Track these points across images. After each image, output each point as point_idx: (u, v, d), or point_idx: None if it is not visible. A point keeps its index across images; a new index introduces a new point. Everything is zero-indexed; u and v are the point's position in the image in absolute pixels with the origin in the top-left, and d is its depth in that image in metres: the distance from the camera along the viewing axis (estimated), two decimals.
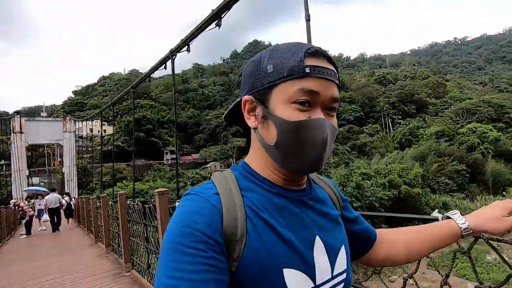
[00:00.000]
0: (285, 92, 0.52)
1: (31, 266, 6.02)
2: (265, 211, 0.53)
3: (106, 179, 30.00)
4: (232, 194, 0.53)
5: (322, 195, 0.64)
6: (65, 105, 74.54)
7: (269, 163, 0.58)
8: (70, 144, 25.73)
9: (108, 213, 6.17)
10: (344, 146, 39.00)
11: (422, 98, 49.76)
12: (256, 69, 0.55)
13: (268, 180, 0.57)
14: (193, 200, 0.51)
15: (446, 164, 24.61)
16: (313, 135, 0.51)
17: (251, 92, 0.56)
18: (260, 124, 0.56)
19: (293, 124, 0.51)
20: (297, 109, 0.51)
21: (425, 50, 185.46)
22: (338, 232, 0.62)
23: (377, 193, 14.24)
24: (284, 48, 0.54)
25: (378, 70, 76.75)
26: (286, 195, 0.57)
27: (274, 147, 0.54)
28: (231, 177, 0.57)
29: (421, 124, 39.66)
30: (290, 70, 0.51)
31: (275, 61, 0.53)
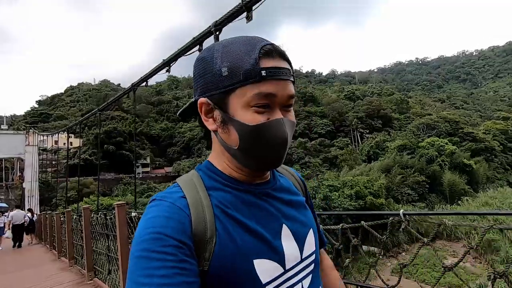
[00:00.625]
0: (243, 97, 0.52)
1: None
2: (232, 208, 0.55)
3: (71, 194, 28.49)
4: (199, 195, 0.54)
5: (286, 184, 0.67)
6: (27, 115, 70.11)
7: (232, 163, 0.59)
8: (33, 158, 24.24)
9: (72, 227, 6.15)
10: (315, 158, 40.26)
11: (388, 113, 53.05)
12: (209, 69, 0.54)
13: (232, 178, 0.59)
14: (159, 206, 0.51)
15: (408, 176, 26.31)
16: (274, 135, 0.53)
17: (206, 94, 0.55)
18: (220, 128, 0.56)
19: (254, 128, 0.52)
20: (256, 112, 0.52)
21: (391, 68, 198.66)
22: (304, 216, 0.65)
23: (344, 204, 14.96)
24: (237, 47, 0.53)
25: (348, 86, 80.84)
26: (251, 190, 0.59)
27: (238, 150, 0.55)
28: (196, 178, 0.58)
29: (387, 138, 42.17)
30: (246, 74, 0.51)
31: (229, 63, 0.52)
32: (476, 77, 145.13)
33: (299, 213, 0.64)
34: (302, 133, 48.80)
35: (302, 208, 0.66)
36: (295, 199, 0.66)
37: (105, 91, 79.33)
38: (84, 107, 68.63)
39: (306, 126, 50.72)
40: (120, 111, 63.42)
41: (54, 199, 30.35)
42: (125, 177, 41.72)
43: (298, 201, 0.66)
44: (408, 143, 32.95)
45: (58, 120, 61.07)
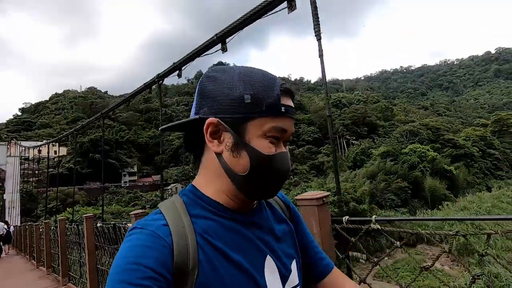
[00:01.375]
0: (262, 127, 0.53)
1: None
2: (216, 238, 0.53)
3: (54, 204, 27.84)
4: (182, 223, 0.52)
5: (272, 212, 0.67)
6: (9, 124, 68.23)
7: (228, 189, 0.58)
8: (14, 169, 23.84)
9: (50, 238, 6.32)
10: (303, 165, 40.79)
11: (373, 120, 54.45)
12: (226, 92, 0.54)
13: (219, 204, 0.58)
14: (140, 234, 0.49)
15: (391, 182, 27.02)
16: (282, 167, 0.55)
17: (219, 116, 0.54)
18: (228, 151, 0.55)
19: (268, 157, 0.54)
20: (271, 143, 0.54)
21: (377, 76, 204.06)
22: (288, 247, 0.64)
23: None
24: (259, 77, 0.55)
25: (334, 94, 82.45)
26: (237, 218, 0.58)
27: (246, 177, 0.55)
28: (180, 204, 0.56)
29: (372, 144, 43.19)
30: (269, 107, 0.53)
31: (253, 92, 0.53)
32: (457, 85, 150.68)
33: (283, 244, 0.64)
34: (290, 141, 49.40)
35: (288, 238, 0.66)
36: (281, 228, 0.66)
37: (92, 99, 78.28)
38: (69, 115, 67.50)
39: (294, 133, 51.33)
40: (108, 120, 62.76)
41: (36, 210, 29.62)
42: (111, 186, 41.10)
43: (283, 230, 0.66)
44: (391, 149, 33.88)
45: (42, 128, 59.74)
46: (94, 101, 72.73)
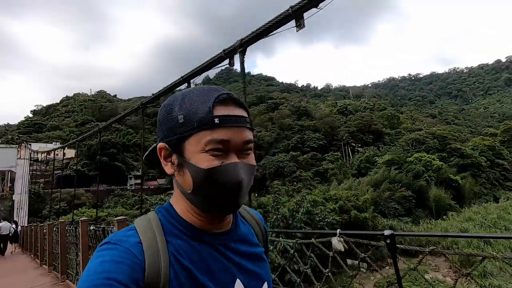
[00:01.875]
0: (197, 143, 0.54)
1: None
2: (186, 259, 0.54)
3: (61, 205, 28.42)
4: (156, 241, 0.53)
5: (246, 233, 0.67)
6: (21, 125, 69.96)
7: (190, 207, 0.59)
8: (24, 171, 24.70)
9: (52, 238, 6.66)
10: (307, 172, 40.74)
11: (379, 128, 54.15)
12: (168, 117, 0.57)
13: (190, 224, 0.58)
14: (112, 250, 0.49)
15: (395, 191, 26.83)
16: (227, 179, 0.54)
17: (165, 140, 0.57)
18: (176, 171, 0.57)
19: (207, 171, 0.53)
20: (211, 156, 0.54)
21: (384, 84, 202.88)
22: (261, 269, 0.65)
23: (327, 218, 15.35)
24: (194, 96, 0.56)
25: (341, 101, 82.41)
26: (208, 240, 0.58)
27: (192, 193, 0.56)
28: (155, 221, 0.57)
29: (376, 152, 42.96)
30: (200, 122, 0.53)
31: (185, 111, 0.55)
32: (467, 94, 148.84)
33: (255, 266, 0.64)
34: (294, 147, 49.44)
35: (259, 261, 0.66)
36: (253, 250, 0.66)
37: (101, 102, 79.75)
38: (79, 118, 68.86)
39: (299, 140, 51.44)
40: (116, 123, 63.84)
41: (43, 211, 30.24)
42: (117, 188, 41.67)
43: (256, 252, 0.66)
44: (396, 158, 33.67)
45: (52, 131, 61.06)
46: (103, 104, 74.12)
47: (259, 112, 62.78)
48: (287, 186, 35.13)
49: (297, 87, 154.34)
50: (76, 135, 59.12)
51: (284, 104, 67.35)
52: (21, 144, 26.22)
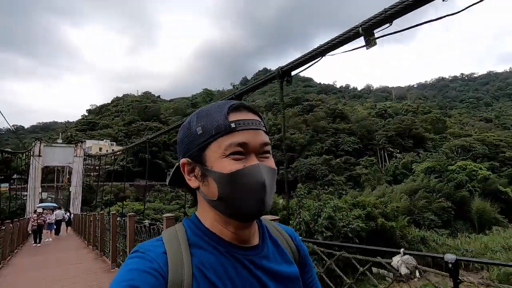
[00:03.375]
0: (217, 149, 0.56)
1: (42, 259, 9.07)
2: (212, 272, 0.54)
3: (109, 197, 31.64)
4: (181, 252, 0.54)
5: (275, 250, 0.65)
6: (78, 123, 78.16)
7: (217, 217, 0.60)
8: (79, 167, 28.73)
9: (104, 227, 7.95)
10: (340, 176, 40.01)
11: (420, 133, 51.04)
12: (187, 133, 0.60)
13: (217, 236, 0.59)
14: (139, 258, 0.51)
15: (433, 200, 25.40)
16: (251, 181, 0.55)
17: (187, 155, 0.59)
18: (200, 182, 0.59)
19: (230, 175, 0.55)
20: (233, 160, 0.56)
21: (432, 84, 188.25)
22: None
23: (351, 224, 15.32)
24: (209, 109, 0.59)
25: (380, 103, 78.85)
26: (235, 254, 0.58)
27: (218, 200, 0.57)
28: (181, 233, 0.58)
29: (415, 159, 40.65)
30: (217, 128, 0.56)
31: (202, 122, 0.58)
32: None
33: (282, 286, 0.61)
34: (328, 150, 48.69)
35: (288, 281, 0.62)
36: (284, 270, 0.63)
37: (146, 103, 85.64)
38: (126, 117, 74.85)
39: (333, 143, 50.54)
40: (157, 122, 68.26)
41: (94, 201, 33.83)
42: (157, 184, 44.80)
43: (286, 272, 0.63)
44: (436, 165, 31.68)
45: (103, 129, 67.30)
46: (147, 105, 79.55)
47: (294, 114, 62.71)
48: (318, 190, 35.03)
49: (335, 88, 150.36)
50: (124, 133, 64.54)
51: (320, 106, 66.45)
52: (77, 144, 30.12)
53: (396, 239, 17.27)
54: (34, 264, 8.35)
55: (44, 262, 8.45)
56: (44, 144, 29.76)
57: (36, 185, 27.42)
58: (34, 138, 31.07)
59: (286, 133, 53.80)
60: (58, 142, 36.32)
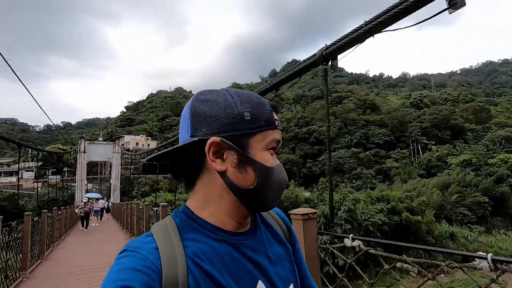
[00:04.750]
0: (263, 140, 0.57)
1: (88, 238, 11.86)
2: (207, 261, 0.53)
3: (145, 189, 34.22)
4: (173, 246, 0.52)
5: (267, 232, 0.66)
6: (117, 119, 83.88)
7: (228, 206, 0.58)
8: (117, 162, 32.24)
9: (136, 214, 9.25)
10: (369, 170, 39.11)
11: (459, 123, 47.73)
12: (224, 112, 0.55)
13: (211, 225, 0.57)
14: (130, 257, 0.49)
15: (467, 195, 24.16)
16: (282, 177, 0.59)
17: (220, 135, 0.55)
18: (233, 168, 0.56)
19: (271, 169, 0.57)
20: (270, 155, 0.58)
21: (478, 69, 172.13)
22: (284, 270, 0.63)
23: (372, 218, 15.35)
24: (252, 97, 0.58)
25: (415, 92, 74.50)
26: (229, 240, 0.57)
27: (252, 190, 0.56)
28: (172, 226, 0.56)
29: (452, 151, 38.32)
30: (267, 121, 0.57)
31: (251, 109, 0.56)
32: None
33: (278, 267, 0.61)
34: (357, 143, 47.56)
35: (283, 261, 0.64)
36: (278, 250, 0.64)
37: (178, 98, 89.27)
38: (160, 113, 78.87)
39: (362, 135, 49.21)
40: None
41: (132, 192, 36.76)
42: None
43: (280, 252, 0.65)
44: (473, 158, 29.76)
45: (139, 124, 71.67)
46: (179, 101, 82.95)
47: (322, 106, 61.69)
48: (344, 183, 34.68)
49: (367, 78, 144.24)
50: (158, 128, 68.26)
51: (349, 98, 64.61)
52: (115, 141, 33.38)
53: (422, 234, 16.93)
54: (81, 241, 11.02)
55: (89, 240, 10.97)
56: (87, 142, 33.86)
57: (83, 177, 31.38)
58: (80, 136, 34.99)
59: (313, 126, 53.33)
60: (99, 139, 40.44)
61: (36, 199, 21.84)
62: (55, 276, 6.13)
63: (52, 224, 9.55)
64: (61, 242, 10.86)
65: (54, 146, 50.81)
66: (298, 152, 49.13)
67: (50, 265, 7.19)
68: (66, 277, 5.99)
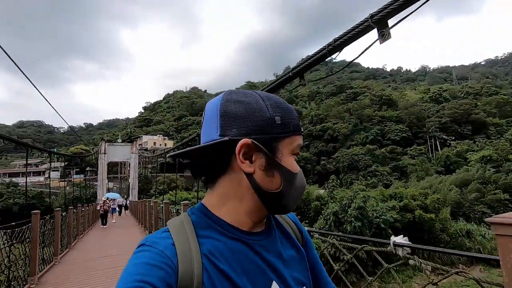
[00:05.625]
0: (290, 145, 0.57)
1: (108, 231, 13.47)
2: (222, 260, 0.53)
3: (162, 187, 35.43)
4: (189, 243, 0.52)
5: (281, 234, 0.66)
6: (136, 120, 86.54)
7: (248, 207, 0.58)
8: (135, 162, 33.89)
9: (151, 212, 9.85)
10: (384, 167, 38.49)
11: (481, 118, 45.89)
12: (256, 114, 0.55)
13: (228, 224, 0.57)
14: (147, 252, 0.50)
15: (486, 192, 23.45)
16: (303, 183, 0.60)
17: (252, 137, 0.55)
18: (261, 171, 0.56)
19: (296, 175, 0.58)
20: (294, 160, 0.59)
21: (504, 60, 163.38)
22: (298, 272, 0.63)
23: (384, 215, 15.37)
24: (281, 102, 0.59)
25: (434, 86, 72.05)
26: (244, 240, 0.57)
27: (278, 194, 0.56)
28: (187, 223, 0.56)
29: (472, 147, 36.98)
30: (295, 126, 0.57)
31: (282, 114, 0.56)
32: None
33: (292, 269, 0.62)
34: (373, 139, 46.80)
35: (297, 263, 0.64)
36: (291, 252, 0.64)
37: (193, 98, 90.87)
38: (176, 113, 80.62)
39: (378, 132, 48.36)
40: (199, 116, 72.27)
41: (151, 190, 38.12)
42: None
43: (294, 254, 0.65)
44: (494, 154, 28.69)
45: (156, 124, 73.66)
46: (194, 100, 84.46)
47: (336, 103, 61.08)
48: (359, 181, 34.39)
49: (384, 72, 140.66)
50: (174, 128, 69.95)
51: (365, 93, 63.46)
52: (133, 142, 35.08)
53: (435, 232, 16.75)
54: (102, 234, 12.68)
55: (109, 234, 12.78)
56: (107, 143, 35.81)
57: (104, 176, 33.25)
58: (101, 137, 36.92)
59: (328, 123, 52.93)
60: (118, 141, 42.57)
61: (64, 197, 23.54)
62: (81, 261, 7.36)
63: (77, 219, 10.75)
64: (85, 235, 12.16)
65: (78, 146, 53.34)
66: (312, 150, 48.99)
67: (76, 253, 8.49)
68: (90, 261, 7.28)
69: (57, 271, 6.32)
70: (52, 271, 6.36)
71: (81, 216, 11.54)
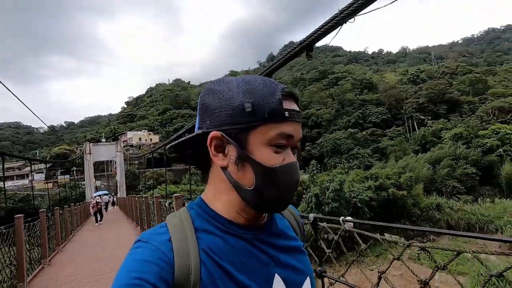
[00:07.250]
0: (265, 135, 0.51)
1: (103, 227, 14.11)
2: (220, 255, 0.51)
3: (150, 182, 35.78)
4: (186, 238, 0.51)
5: (283, 227, 0.65)
6: (119, 116, 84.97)
7: (236, 203, 0.56)
8: (120, 160, 34.41)
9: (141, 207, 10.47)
10: (365, 149, 40.05)
11: (455, 96, 47.96)
12: (226, 103, 0.52)
13: (226, 219, 0.56)
14: (143, 248, 0.49)
15: (457, 168, 25.17)
16: (289, 178, 0.53)
17: (221, 128, 0.52)
18: (232, 164, 0.53)
19: (272, 170, 0.51)
20: (274, 152, 0.52)
21: (480, 37, 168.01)
22: (301, 262, 0.62)
23: (360, 195, 16.52)
24: (259, 86, 0.53)
25: (412, 67, 73.96)
26: (243, 235, 0.55)
27: (253, 191, 0.52)
28: (186, 218, 0.55)
29: (446, 125, 38.96)
30: (271, 113, 0.50)
31: (253, 100, 0.51)
32: None
33: (295, 260, 0.60)
34: (355, 123, 48.23)
35: (299, 254, 0.63)
36: (291, 244, 0.63)
37: (177, 91, 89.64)
38: (160, 107, 79.64)
39: (360, 115, 49.81)
40: (189, 109, 71.91)
41: (138, 186, 38.41)
42: (192, 168, 48.67)
43: (294, 246, 0.63)
44: (464, 131, 30.51)
45: (140, 120, 72.74)
46: (178, 93, 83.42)
47: (318, 88, 62.06)
48: (342, 164, 35.82)
49: (366, 55, 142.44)
50: (159, 122, 69.36)
51: (346, 78, 64.66)
52: (117, 141, 35.37)
53: (408, 207, 18.13)
54: (95, 228, 13.76)
55: (101, 227, 14.07)
56: (92, 144, 36.23)
57: (91, 176, 33.77)
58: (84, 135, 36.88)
59: (311, 109, 53.97)
60: (102, 140, 42.72)
61: (48, 198, 23.47)
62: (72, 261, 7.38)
63: (65, 220, 10.45)
64: (79, 231, 12.94)
65: (61, 147, 52.45)
66: None
67: (66, 254, 8.40)
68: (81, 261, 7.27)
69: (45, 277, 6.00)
70: (41, 275, 6.14)
71: (69, 216, 11.27)
